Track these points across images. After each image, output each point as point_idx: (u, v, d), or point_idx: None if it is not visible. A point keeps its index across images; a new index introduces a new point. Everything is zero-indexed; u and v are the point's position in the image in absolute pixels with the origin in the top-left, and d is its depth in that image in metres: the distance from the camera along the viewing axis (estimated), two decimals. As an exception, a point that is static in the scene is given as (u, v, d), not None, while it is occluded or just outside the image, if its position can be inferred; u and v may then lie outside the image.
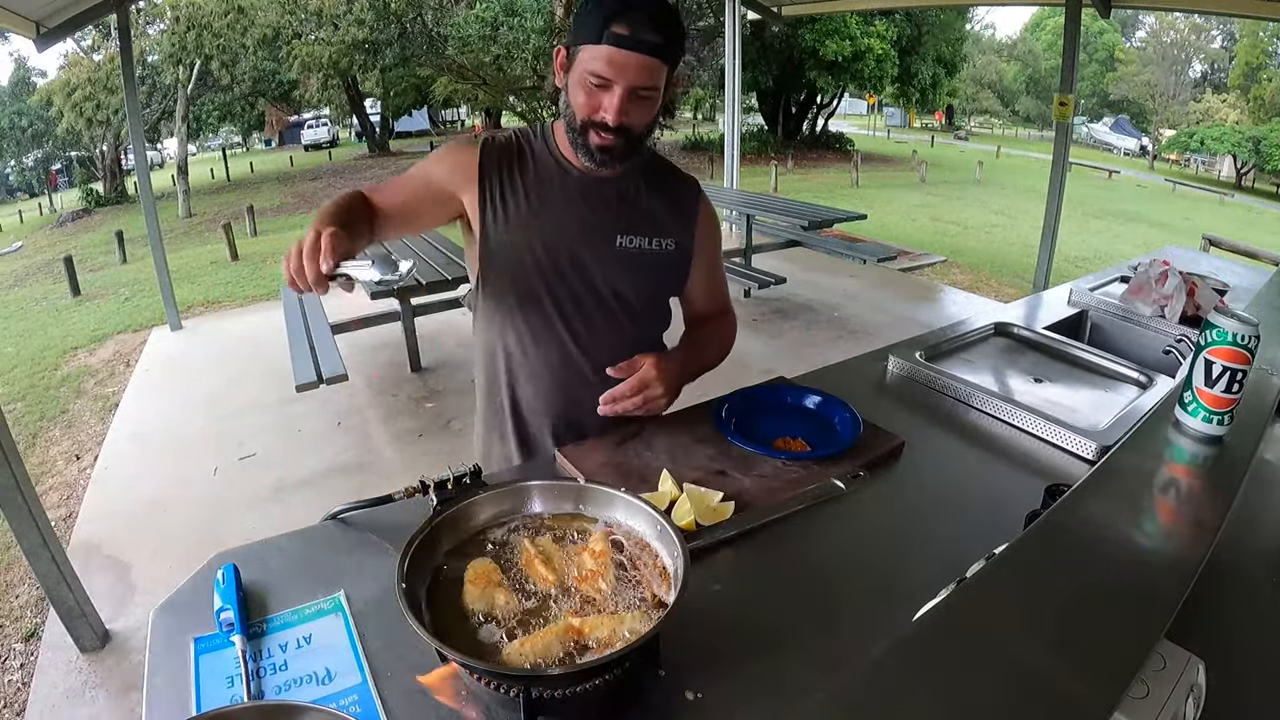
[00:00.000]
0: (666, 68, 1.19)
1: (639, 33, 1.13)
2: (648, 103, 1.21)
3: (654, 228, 1.37)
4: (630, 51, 1.14)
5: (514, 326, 1.36)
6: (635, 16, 1.13)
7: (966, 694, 0.55)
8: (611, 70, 1.15)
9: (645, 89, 1.18)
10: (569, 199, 1.32)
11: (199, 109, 21.68)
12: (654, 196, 1.38)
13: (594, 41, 1.15)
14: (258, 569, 1.00)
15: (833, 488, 1.17)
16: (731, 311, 1.57)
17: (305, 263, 0.97)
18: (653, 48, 1.15)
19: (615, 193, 1.34)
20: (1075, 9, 4.53)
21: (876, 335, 4.92)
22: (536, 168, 1.33)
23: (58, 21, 4.25)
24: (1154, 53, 39.26)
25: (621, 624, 0.78)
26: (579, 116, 1.21)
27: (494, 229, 1.30)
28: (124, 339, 5.92)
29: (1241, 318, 0.97)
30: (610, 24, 1.13)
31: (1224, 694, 0.72)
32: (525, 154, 1.33)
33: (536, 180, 1.32)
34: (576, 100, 1.21)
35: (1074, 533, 0.76)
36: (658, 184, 1.39)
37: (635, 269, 1.36)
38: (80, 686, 2.19)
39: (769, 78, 20.21)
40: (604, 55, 1.14)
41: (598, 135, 1.21)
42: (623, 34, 1.13)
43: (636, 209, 1.36)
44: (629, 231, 1.35)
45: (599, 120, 1.19)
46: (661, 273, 1.40)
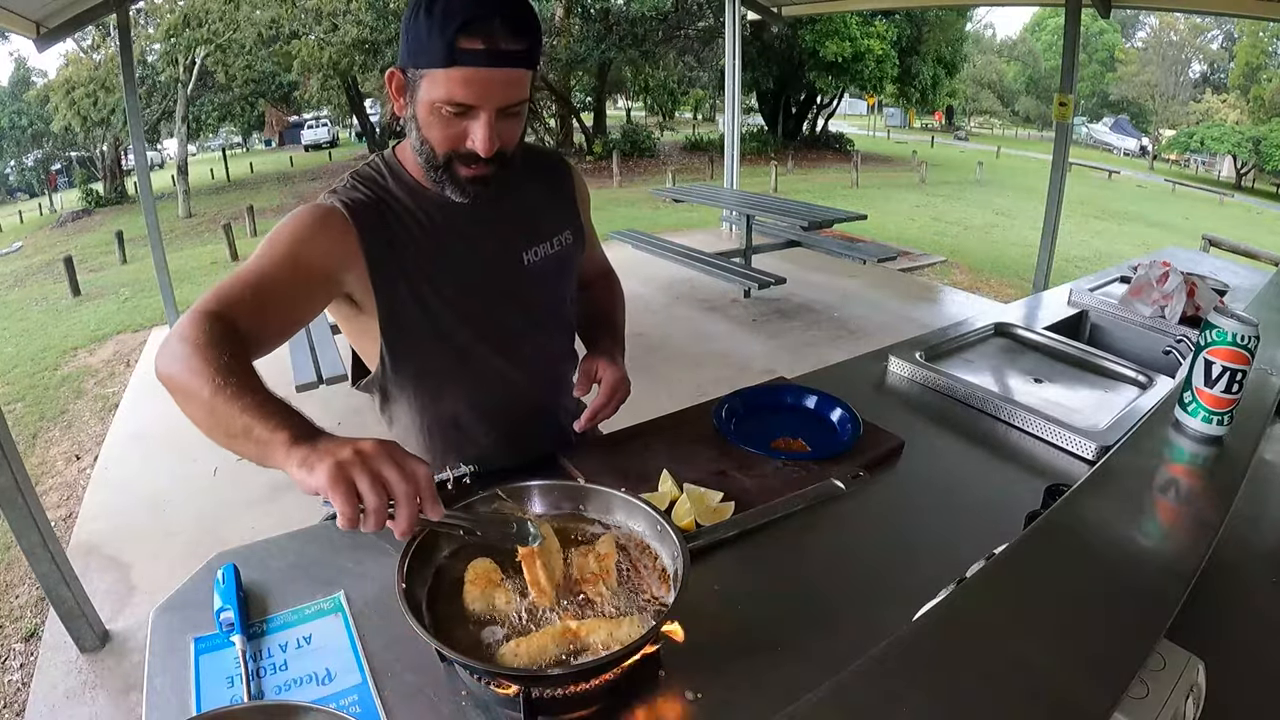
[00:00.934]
0: (530, 74, 1.03)
1: (496, 42, 0.95)
2: (516, 119, 1.05)
3: (549, 227, 1.26)
4: (490, 69, 0.96)
5: (447, 390, 1.22)
6: (487, 26, 0.95)
7: (966, 694, 0.55)
8: (471, 94, 0.97)
9: (515, 105, 1.02)
10: (461, 235, 1.16)
11: (199, 109, 21.66)
12: (535, 193, 1.26)
13: (441, 64, 0.96)
14: (258, 569, 1.01)
15: (833, 488, 1.17)
16: (612, 270, 1.51)
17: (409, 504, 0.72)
18: (515, 57, 0.98)
19: (501, 209, 1.19)
20: (1075, 9, 4.53)
21: (876, 335, 4.91)
22: (410, 213, 1.13)
23: (58, 22, 4.24)
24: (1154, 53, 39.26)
25: (619, 628, 0.78)
26: (439, 151, 1.04)
27: (394, 300, 1.11)
28: (124, 339, 5.92)
29: (1241, 318, 0.97)
30: (458, 39, 0.94)
31: (1224, 694, 0.72)
32: (389, 202, 1.13)
33: (420, 227, 1.13)
34: (433, 134, 1.03)
35: (1074, 533, 0.76)
36: (532, 176, 1.25)
37: (547, 277, 1.26)
38: (80, 687, 2.19)
39: (769, 78, 20.21)
40: (459, 79, 0.96)
41: (467, 167, 1.05)
42: (477, 49, 0.95)
43: (528, 217, 1.24)
44: (531, 244, 1.23)
45: (466, 152, 1.03)
46: (568, 268, 1.32)
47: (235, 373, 0.82)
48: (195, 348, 0.85)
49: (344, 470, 0.70)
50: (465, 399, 1.24)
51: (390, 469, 0.71)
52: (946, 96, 24.28)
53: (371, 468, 0.71)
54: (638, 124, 24.04)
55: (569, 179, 1.34)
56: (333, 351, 3.64)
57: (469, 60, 0.95)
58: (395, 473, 0.71)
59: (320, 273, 1.05)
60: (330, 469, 0.70)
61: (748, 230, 6.17)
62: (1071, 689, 0.55)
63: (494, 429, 1.27)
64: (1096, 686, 0.55)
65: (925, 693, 0.54)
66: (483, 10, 0.94)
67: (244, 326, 0.92)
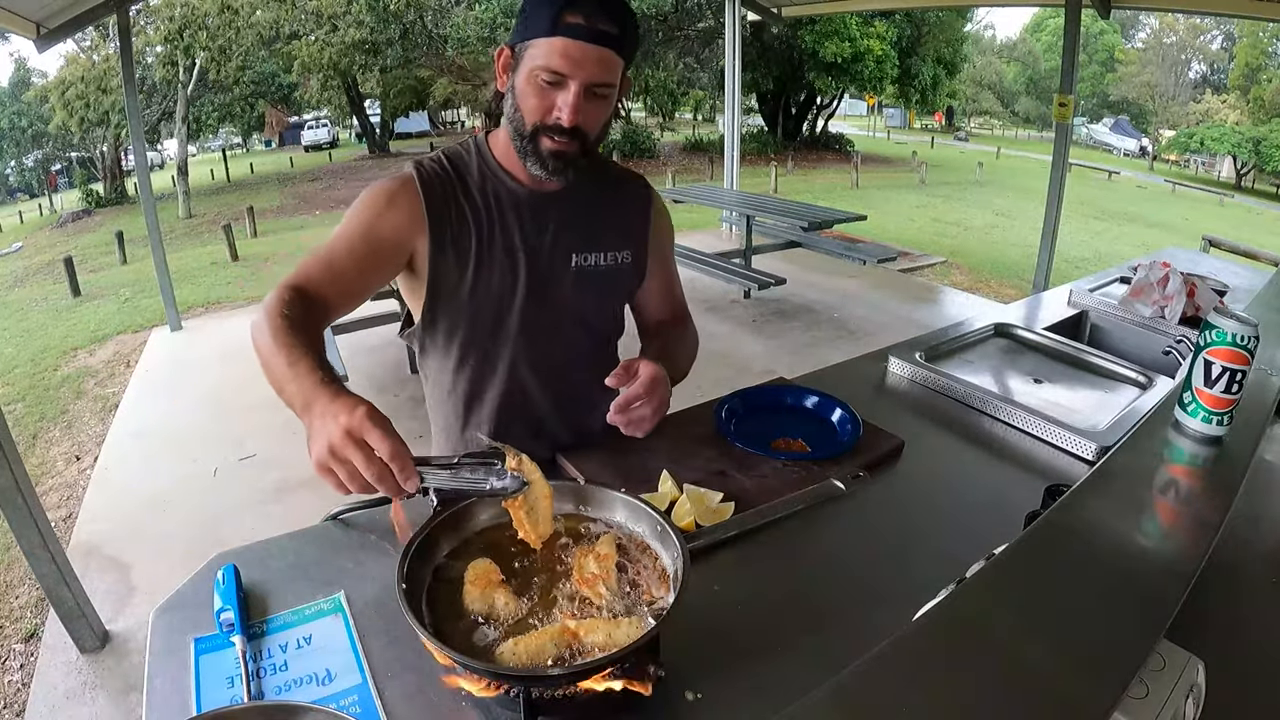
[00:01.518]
0: (622, 65, 1.12)
1: (595, 21, 1.05)
2: (603, 104, 1.13)
3: (609, 240, 1.29)
4: (586, 43, 1.06)
5: (471, 363, 1.27)
6: (589, 6, 1.05)
7: (966, 694, 0.55)
8: (566, 64, 1.06)
9: (601, 86, 1.10)
10: (520, 221, 1.22)
11: (198, 110, 21.67)
12: (605, 205, 1.30)
13: (545, 34, 1.06)
14: (258, 569, 1.01)
15: (833, 488, 1.17)
16: (691, 321, 1.47)
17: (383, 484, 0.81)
18: (609, 38, 1.07)
19: (567, 208, 1.25)
20: (1075, 10, 4.53)
21: (876, 336, 4.92)
22: (480, 192, 1.21)
23: (58, 22, 4.25)
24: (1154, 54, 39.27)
25: (618, 628, 0.78)
26: (529, 121, 1.11)
27: (446, 270, 1.19)
28: (124, 340, 5.92)
29: (1241, 318, 0.98)
30: (564, 13, 1.05)
31: (1223, 694, 0.72)
32: (465, 179, 1.21)
33: (484, 207, 1.21)
34: (526, 103, 1.11)
35: (1074, 533, 0.76)
36: (607, 189, 1.32)
37: (592, 286, 1.29)
38: (80, 687, 2.19)
39: (769, 79, 20.20)
40: (558, 48, 1.06)
41: (550, 140, 1.12)
42: (577, 23, 1.05)
43: (590, 223, 1.28)
44: (584, 249, 1.27)
45: (552, 123, 1.10)
46: (619, 286, 1.33)
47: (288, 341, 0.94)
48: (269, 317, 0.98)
49: (323, 462, 0.80)
50: (483, 381, 1.29)
51: (360, 458, 0.79)
52: (946, 97, 24.26)
53: (345, 459, 0.79)
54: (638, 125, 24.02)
55: (649, 206, 1.37)
56: (333, 352, 3.64)
57: (568, 32, 1.05)
58: (364, 460, 0.79)
59: (391, 244, 1.16)
60: (315, 459, 0.81)
61: (748, 231, 6.18)
62: (1071, 689, 0.55)
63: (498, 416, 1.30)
64: (1096, 686, 0.55)
65: (925, 693, 0.54)
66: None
67: (319, 296, 1.07)
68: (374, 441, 0.79)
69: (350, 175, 21.28)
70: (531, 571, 0.89)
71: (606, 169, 1.34)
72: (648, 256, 1.36)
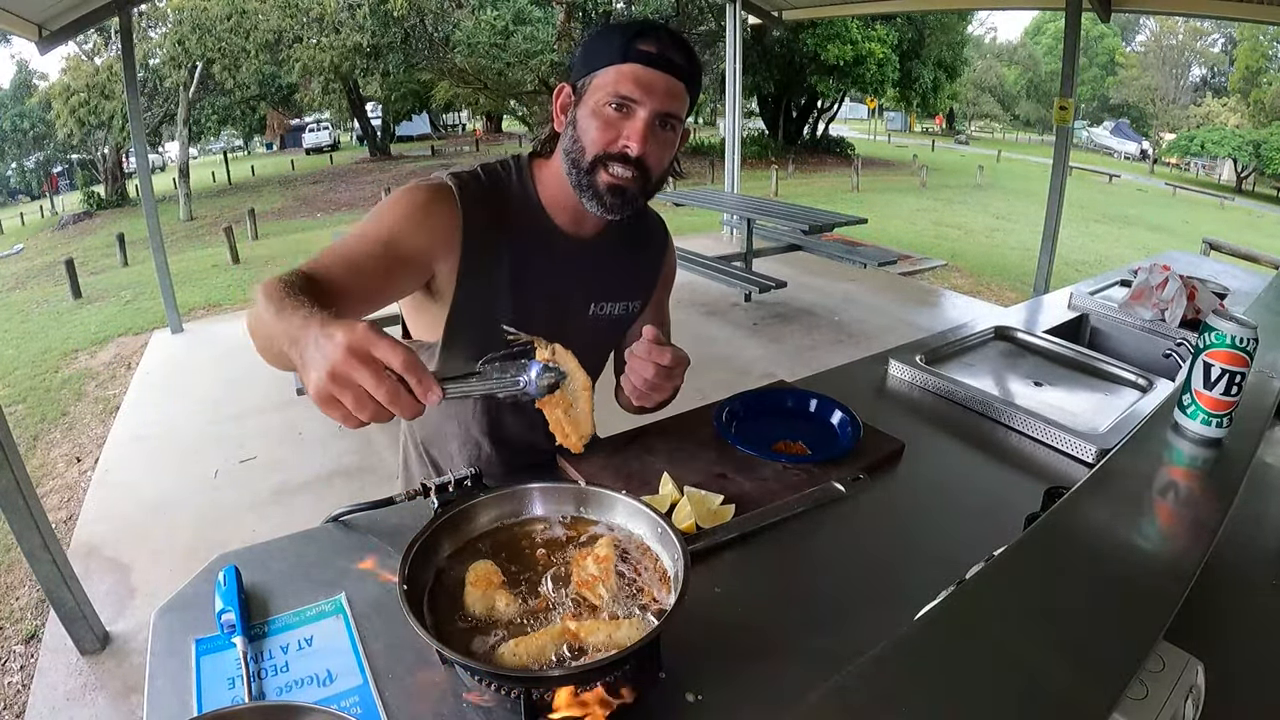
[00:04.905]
0: (688, 102, 1.11)
1: (666, 50, 1.06)
2: (669, 136, 1.11)
3: (625, 291, 1.30)
4: (659, 71, 1.05)
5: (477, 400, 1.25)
6: (661, 36, 1.06)
7: (966, 694, 0.55)
8: (638, 89, 1.05)
9: (670, 117, 1.08)
10: (552, 265, 1.20)
11: (200, 112, 21.72)
12: (628, 255, 1.30)
13: (616, 61, 1.06)
14: (259, 571, 1.01)
15: (833, 491, 1.17)
16: None
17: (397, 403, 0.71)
18: (679, 69, 1.07)
19: (593, 258, 1.24)
20: (1075, 13, 4.54)
21: (877, 339, 4.92)
22: (516, 221, 1.17)
23: (60, 24, 4.26)
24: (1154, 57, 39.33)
25: (618, 629, 0.79)
26: (590, 151, 1.08)
27: (468, 300, 1.15)
28: (125, 342, 5.92)
29: (1240, 320, 0.98)
30: (636, 41, 1.05)
31: (1223, 695, 0.72)
32: (505, 202, 1.17)
33: (517, 242, 1.16)
34: (589, 135, 1.08)
35: (1073, 535, 0.77)
36: (631, 238, 1.30)
37: (603, 334, 1.31)
38: (80, 688, 2.19)
39: (770, 82, 20.24)
40: (630, 74, 1.05)
41: (609, 174, 1.08)
42: (650, 50, 1.05)
43: (611, 274, 1.28)
44: (603, 299, 1.27)
45: (617, 151, 1.07)
46: (623, 330, 1.35)
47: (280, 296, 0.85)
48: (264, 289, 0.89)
49: (324, 391, 0.70)
50: (490, 410, 1.28)
51: (368, 375, 0.69)
52: (947, 100, 24.33)
53: (350, 381, 0.70)
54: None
55: (665, 254, 1.38)
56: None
57: (640, 58, 1.05)
58: (373, 378, 0.70)
59: (420, 255, 1.09)
60: (315, 390, 0.71)
61: (748, 234, 6.18)
62: (1070, 690, 0.55)
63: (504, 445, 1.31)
64: (1095, 687, 0.55)
65: (925, 693, 0.54)
66: (657, 27, 1.07)
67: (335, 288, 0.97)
68: (383, 353, 0.70)
69: (351, 178, 21.31)
70: (532, 573, 0.89)
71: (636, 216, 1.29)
72: (651, 300, 1.37)
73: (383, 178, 19.68)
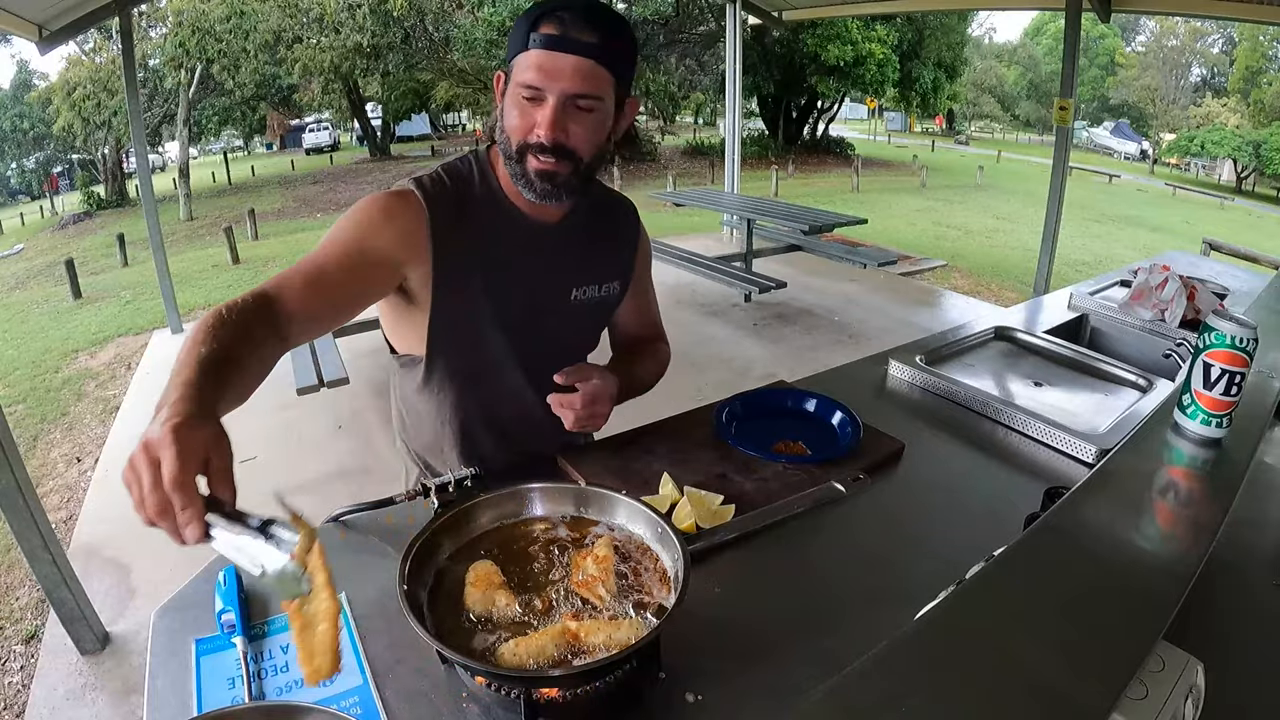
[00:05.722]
0: (611, 77, 1.06)
1: (570, 31, 1.01)
2: (590, 117, 1.06)
3: (603, 272, 1.29)
4: (561, 53, 1.01)
5: (472, 393, 1.25)
6: (565, 15, 1.01)
7: (966, 694, 0.55)
8: (542, 76, 1.02)
9: (583, 97, 1.04)
10: (524, 253, 1.19)
11: (199, 113, 21.71)
12: (599, 236, 1.29)
13: (523, 48, 1.03)
14: (259, 571, 1.01)
15: (833, 491, 1.17)
16: (665, 338, 1.49)
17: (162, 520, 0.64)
18: (587, 48, 1.02)
19: (565, 239, 1.23)
20: (1075, 13, 4.54)
21: (877, 339, 4.92)
22: (483, 217, 1.16)
23: (60, 24, 4.26)
24: (1154, 57, 39.32)
25: (618, 629, 0.79)
26: (514, 140, 1.07)
27: (448, 301, 1.14)
28: (125, 342, 5.92)
29: (1240, 321, 0.98)
30: (538, 25, 1.02)
31: (1223, 695, 0.72)
32: (469, 200, 1.15)
33: (489, 233, 1.16)
34: (510, 124, 1.07)
35: (1073, 535, 0.77)
36: (600, 218, 1.29)
37: (586, 318, 1.31)
38: (80, 689, 2.19)
39: (770, 82, 20.23)
40: (534, 61, 1.02)
41: (536, 159, 1.06)
42: (551, 33, 1.01)
43: (588, 255, 1.27)
44: (583, 282, 1.26)
45: (534, 141, 1.05)
46: (605, 314, 1.35)
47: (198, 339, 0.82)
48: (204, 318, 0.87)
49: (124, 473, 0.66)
50: (484, 405, 1.28)
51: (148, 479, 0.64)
52: (947, 100, 24.29)
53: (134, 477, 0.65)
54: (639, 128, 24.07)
55: (637, 233, 1.36)
56: (334, 355, 3.64)
57: (541, 43, 1.02)
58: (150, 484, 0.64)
59: (386, 262, 1.08)
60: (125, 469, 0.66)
61: (748, 234, 6.19)
62: (1070, 690, 0.55)
63: (503, 439, 1.31)
64: (1095, 687, 0.55)
65: (925, 693, 0.54)
66: (564, 3, 1.02)
67: (288, 309, 0.95)
68: (165, 461, 0.64)
69: (351, 178, 21.31)
70: (532, 573, 0.89)
71: (599, 194, 1.30)
72: (631, 282, 1.37)
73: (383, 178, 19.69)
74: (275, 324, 0.93)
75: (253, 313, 0.90)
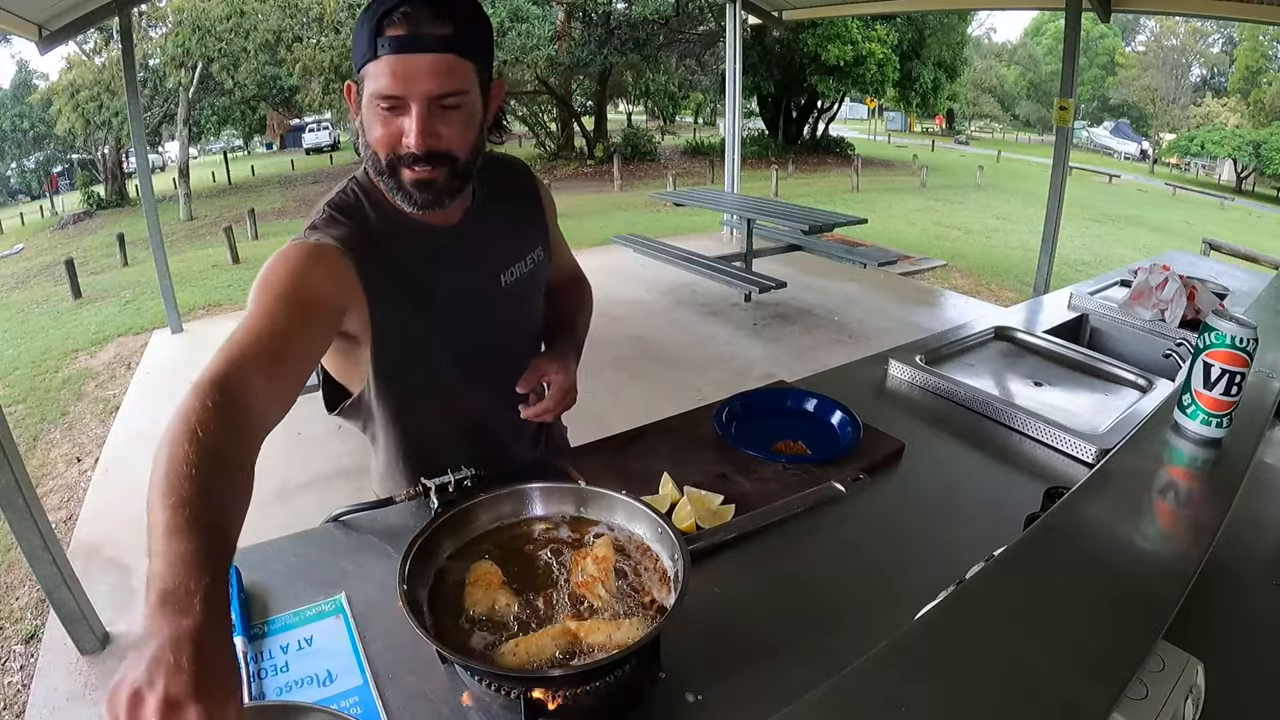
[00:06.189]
0: (472, 66, 0.98)
1: (420, 28, 0.92)
2: (458, 115, 0.98)
3: (523, 246, 1.24)
4: (413, 54, 0.92)
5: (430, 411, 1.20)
6: (410, 10, 0.91)
7: (966, 694, 0.55)
8: (399, 83, 0.93)
9: (449, 95, 0.96)
10: (445, 262, 1.13)
11: (199, 112, 21.70)
12: (505, 209, 1.22)
13: (371, 55, 0.93)
14: (259, 571, 1.01)
15: (833, 491, 1.17)
16: (582, 274, 1.47)
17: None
18: (441, 41, 0.93)
19: (477, 232, 1.16)
20: (1075, 13, 4.54)
21: (877, 339, 4.92)
22: (390, 242, 1.08)
23: (60, 24, 4.26)
24: (1154, 57, 39.31)
25: (618, 629, 0.79)
26: (382, 155, 0.99)
27: (389, 334, 1.08)
28: (125, 342, 5.92)
29: (1240, 320, 0.98)
30: (382, 26, 0.92)
31: (1223, 695, 0.72)
32: (370, 230, 1.07)
33: (403, 257, 1.08)
34: (373, 137, 0.99)
35: (1073, 535, 0.77)
36: (499, 190, 1.21)
37: (523, 297, 1.25)
38: (80, 689, 2.19)
39: (770, 82, 20.23)
40: (386, 68, 0.93)
41: (410, 170, 0.99)
42: (399, 34, 0.92)
43: (502, 237, 1.20)
44: (509, 264, 1.21)
45: (405, 152, 0.97)
46: (539, 283, 1.29)
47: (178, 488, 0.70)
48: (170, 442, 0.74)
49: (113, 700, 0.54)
50: (445, 420, 1.22)
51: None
52: (947, 100, 24.30)
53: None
54: (639, 128, 24.09)
55: (536, 190, 1.31)
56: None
57: (391, 47, 0.92)
58: None
59: (326, 310, 1.00)
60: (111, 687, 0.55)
61: (748, 234, 6.18)
62: (1070, 690, 0.55)
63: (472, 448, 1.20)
64: (1095, 687, 0.55)
65: (925, 693, 0.55)
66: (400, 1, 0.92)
67: (257, 391, 0.83)
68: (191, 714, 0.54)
69: (351, 178, 21.26)
70: (533, 574, 0.89)
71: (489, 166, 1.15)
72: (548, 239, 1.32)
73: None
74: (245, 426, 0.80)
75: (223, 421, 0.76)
